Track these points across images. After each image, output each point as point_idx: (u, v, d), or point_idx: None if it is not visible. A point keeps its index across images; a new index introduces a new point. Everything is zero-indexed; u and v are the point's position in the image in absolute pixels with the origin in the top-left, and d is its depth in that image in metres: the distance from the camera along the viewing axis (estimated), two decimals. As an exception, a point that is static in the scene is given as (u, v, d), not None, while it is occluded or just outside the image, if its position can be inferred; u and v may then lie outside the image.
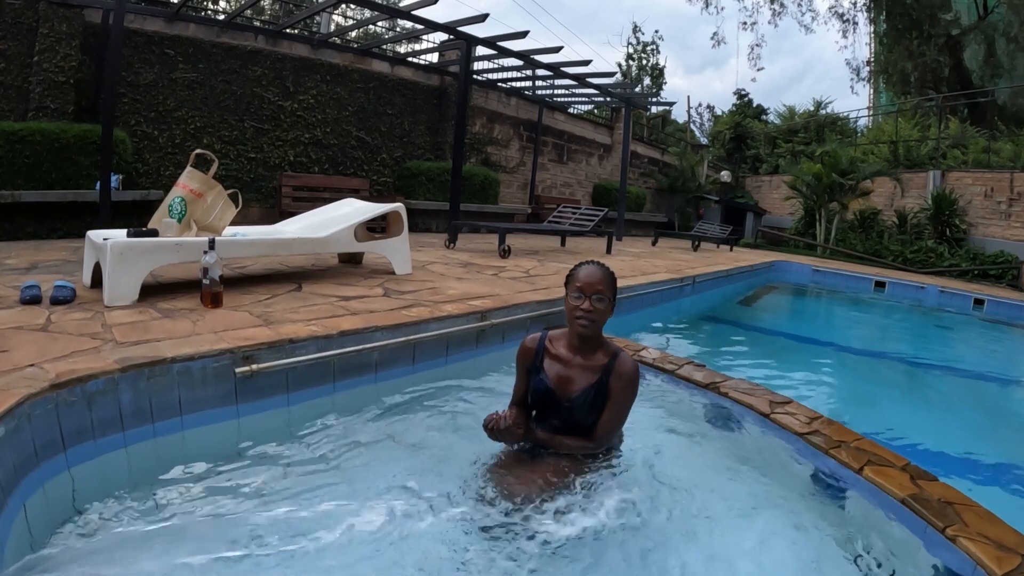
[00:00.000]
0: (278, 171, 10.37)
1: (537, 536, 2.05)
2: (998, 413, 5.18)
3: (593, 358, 2.49)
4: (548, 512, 2.16)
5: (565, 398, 2.47)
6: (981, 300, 10.54)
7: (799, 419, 2.95)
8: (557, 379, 2.50)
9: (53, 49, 7.58)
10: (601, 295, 2.40)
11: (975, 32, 21.86)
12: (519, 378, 2.69)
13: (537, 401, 2.58)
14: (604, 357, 2.49)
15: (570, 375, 2.49)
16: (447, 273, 6.07)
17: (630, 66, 31.05)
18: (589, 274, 2.44)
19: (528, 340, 2.67)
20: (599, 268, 2.48)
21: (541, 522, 2.11)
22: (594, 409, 2.46)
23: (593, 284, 2.40)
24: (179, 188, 4.33)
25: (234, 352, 2.85)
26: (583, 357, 2.50)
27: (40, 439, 2.17)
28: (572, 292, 2.43)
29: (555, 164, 16.44)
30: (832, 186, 15.97)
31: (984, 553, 1.86)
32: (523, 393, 2.65)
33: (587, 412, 2.46)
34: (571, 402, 2.46)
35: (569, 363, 2.51)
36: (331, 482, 2.47)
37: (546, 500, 2.21)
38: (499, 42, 10.18)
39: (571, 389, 2.47)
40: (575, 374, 2.49)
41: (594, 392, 2.45)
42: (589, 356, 2.50)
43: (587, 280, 2.41)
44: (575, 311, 2.41)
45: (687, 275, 8.23)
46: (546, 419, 2.57)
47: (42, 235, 6.78)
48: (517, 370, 2.70)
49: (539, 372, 2.56)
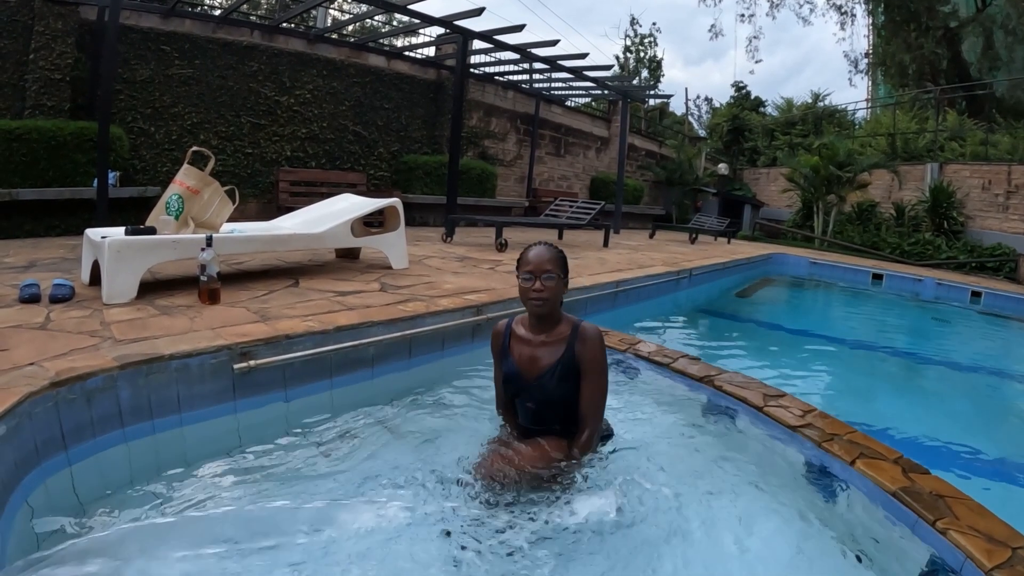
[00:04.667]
0: (275, 166, 10.37)
1: (530, 530, 2.06)
2: (993, 406, 5.19)
3: (555, 333, 2.54)
4: (541, 506, 2.18)
5: (533, 377, 2.52)
6: (978, 292, 10.55)
7: (792, 412, 2.96)
8: (523, 360, 2.55)
9: (49, 47, 7.56)
10: (550, 274, 2.45)
11: (973, 24, 21.75)
12: (497, 370, 2.75)
13: (509, 387, 2.63)
14: (566, 328, 2.54)
15: (535, 354, 2.54)
16: (444, 267, 6.09)
17: (627, 58, 30.89)
18: (537, 254, 2.49)
19: (497, 325, 2.73)
20: (547, 248, 2.54)
21: (535, 516, 2.13)
22: (564, 381, 2.48)
23: (542, 264, 2.45)
24: (176, 185, 4.35)
25: (231, 349, 2.87)
26: (545, 335, 2.55)
27: (41, 437, 2.19)
28: (523, 274, 2.48)
29: (552, 157, 16.43)
30: (830, 178, 15.94)
31: (974, 546, 1.88)
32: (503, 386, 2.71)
33: (557, 385, 2.48)
34: (539, 379, 2.50)
35: (532, 343, 2.56)
36: (329, 477, 2.50)
37: (540, 494, 2.24)
38: (495, 35, 10.16)
39: (538, 368, 2.52)
40: (539, 352, 2.53)
41: (561, 366, 2.48)
42: (551, 332, 2.55)
43: (536, 261, 2.47)
44: (528, 292, 2.46)
45: (684, 268, 8.26)
46: (522, 404, 2.61)
47: (40, 233, 6.79)
48: (494, 361, 2.76)
49: (507, 356, 2.61)
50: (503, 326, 2.70)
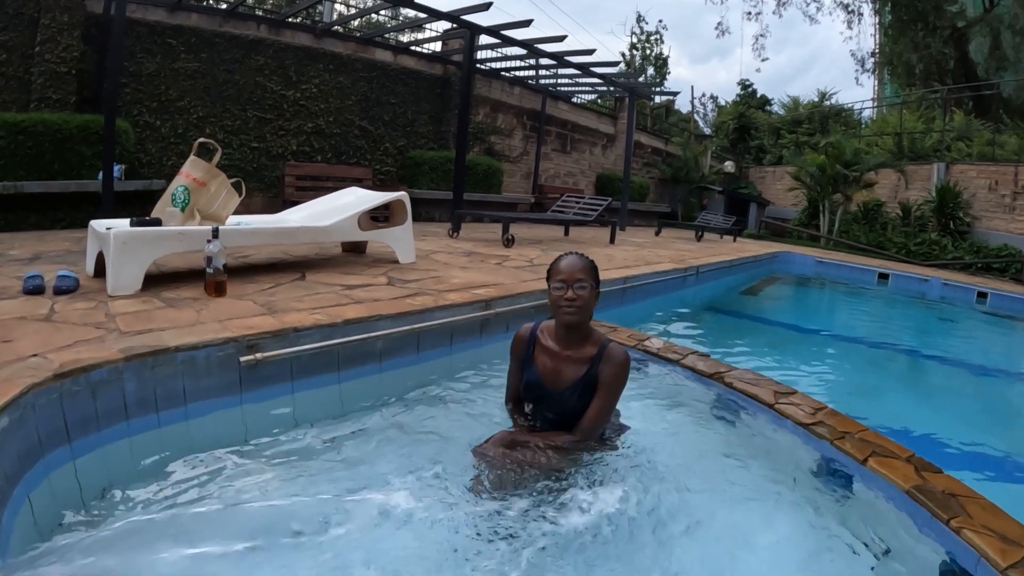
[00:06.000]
0: (281, 160, 10.34)
1: (537, 526, 2.05)
2: (1001, 406, 5.18)
3: (582, 350, 2.53)
4: (549, 503, 2.17)
5: (556, 391, 2.51)
6: (984, 293, 10.54)
7: (803, 410, 2.94)
8: (547, 371, 2.54)
9: (55, 40, 7.53)
10: (583, 283, 2.44)
11: (981, 24, 21.75)
12: (513, 369, 2.73)
13: (529, 393, 2.62)
14: (592, 348, 2.53)
15: (559, 368, 2.53)
16: (451, 262, 6.06)
17: (633, 56, 30.83)
18: (570, 264, 2.49)
19: (521, 330, 2.72)
20: (579, 258, 2.54)
21: (542, 512, 2.12)
22: (585, 398, 2.48)
23: (574, 273, 2.45)
24: (182, 177, 4.31)
25: (238, 341, 2.84)
26: (572, 349, 2.54)
27: (44, 429, 2.16)
28: (555, 283, 2.48)
29: (558, 154, 16.38)
30: (836, 177, 15.90)
31: (988, 545, 1.86)
32: (517, 385, 2.69)
33: (578, 401, 2.49)
34: (561, 395, 2.50)
35: (558, 356, 2.55)
36: (336, 471, 2.48)
37: (547, 490, 2.23)
38: (502, 31, 10.10)
39: (561, 382, 2.51)
40: (564, 367, 2.52)
41: (582, 385, 2.48)
42: (577, 348, 2.53)
43: (568, 270, 2.46)
44: (559, 301, 2.45)
45: (691, 265, 8.23)
46: (540, 411, 2.61)
47: (45, 226, 6.76)
48: (511, 360, 2.75)
49: (531, 364, 2.60)
50: (527, 332, 2.68)
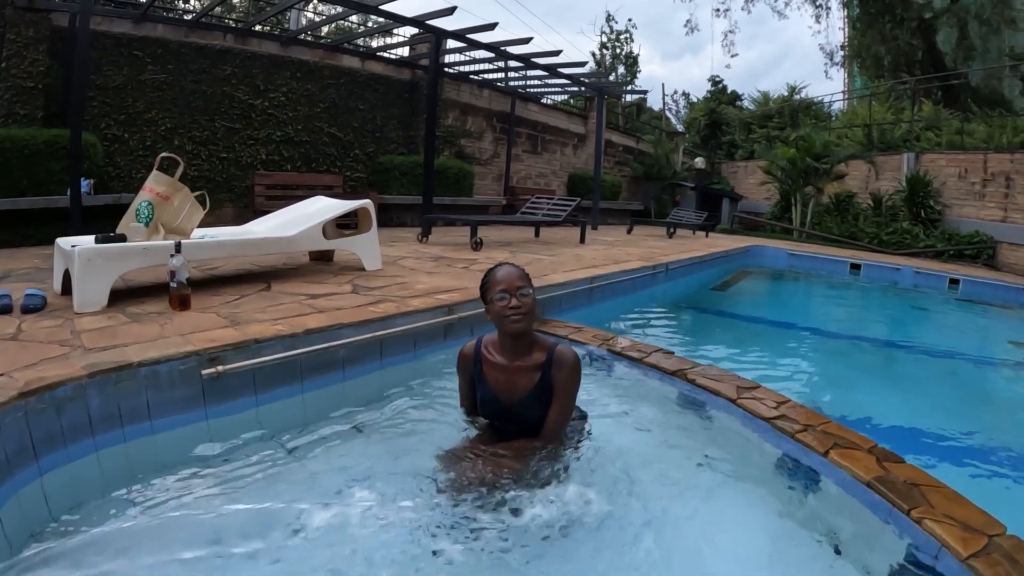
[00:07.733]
0: (250, 170, 10.35)
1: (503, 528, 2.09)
2: (970, 392, 5.20)
3: (531, 358, 2.54)
4: (514, 505, 2.19)
5: (513, 403, 2.53)
6: (956, 280, 10.69)
7: (766, 404, 2.96)
8: (500, 386, 2.56)
9: (21, 54, 7.52)
10: (524, 289, 2.47)
11: (947, 15, 21.97)
12: (463, 384, 2.77)
13: (487, 409, 2.65)
14: (541, 354, 2.54)
15: (512, 380, 2.54)
16: (418, 267, 6.13)
17: (604, 55, 30.98)
18: (507, 273, 2.52)
19: (465, 348, 2.73)
20: (513, 266, 2.57)
21: (508, 513, 2.15)
22: (544, 405, 2.51)
23: (514, 281, 2.48)
24: (145, 192, 4.34)
25: (199, 354, 2.89)
26: (521, 359, 2.55)
27: (11, 447, 2.20)
28: (496, 295, 2.47)
29: (529, 155, 16.49)
30: (807, 170, 16.11)
31: (949, 535, 1.85)
32: (472, 400, 2.73)
33: (538, 409, 2.51)
34: (520, 406, 2.52)
35: (508, 368, 2.56)
36: (301, 480, 2.51)
37: (510, 491, 2.24)
38: (468, 34, 10.20)
39: (516, 393, 2.53)
40: (516, 378, 2.54)
41: (539, 392, 2.50)
42: (526, 357, 2.55)
43: (508, 279, 2.48)
44: (504, 311, 2.45)
45: (660, 262, 8.33)
46: (502, 425, 2.63)
47: (15, 243, 6.72)
48: (459, 377, 2.77)
49: (483, 381, 2.61)
50: (471, 349, 2.69)
